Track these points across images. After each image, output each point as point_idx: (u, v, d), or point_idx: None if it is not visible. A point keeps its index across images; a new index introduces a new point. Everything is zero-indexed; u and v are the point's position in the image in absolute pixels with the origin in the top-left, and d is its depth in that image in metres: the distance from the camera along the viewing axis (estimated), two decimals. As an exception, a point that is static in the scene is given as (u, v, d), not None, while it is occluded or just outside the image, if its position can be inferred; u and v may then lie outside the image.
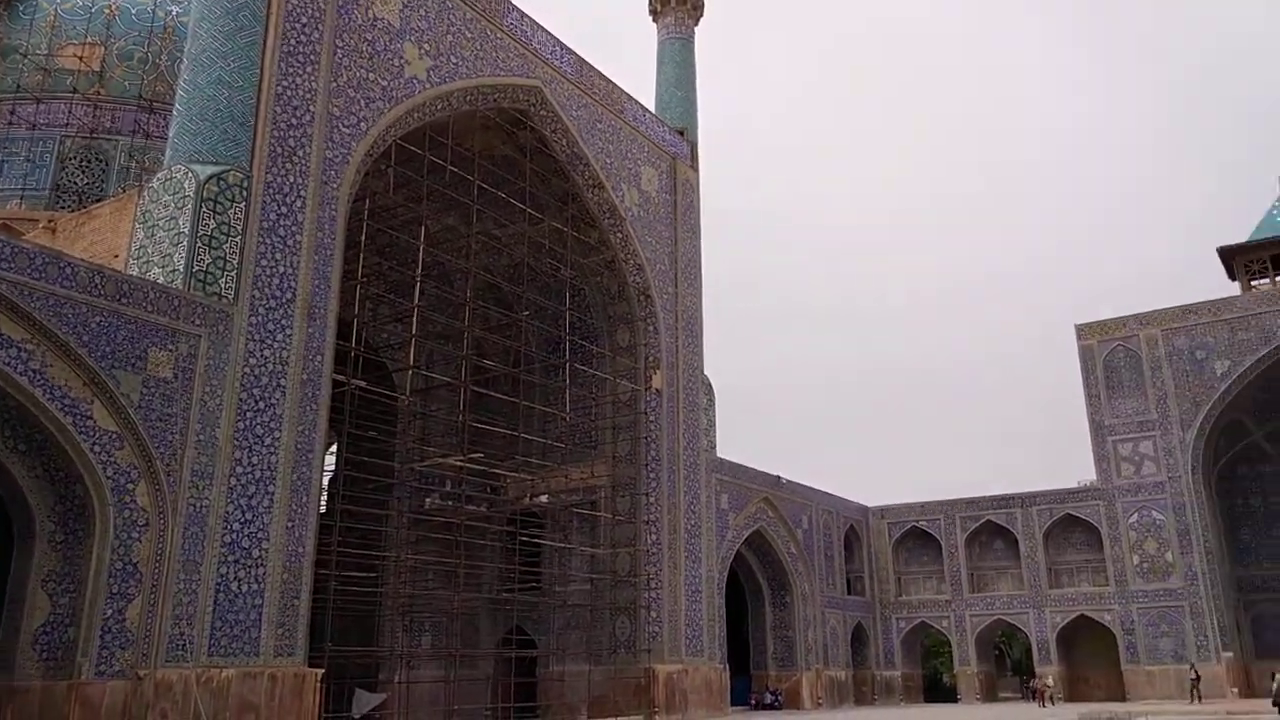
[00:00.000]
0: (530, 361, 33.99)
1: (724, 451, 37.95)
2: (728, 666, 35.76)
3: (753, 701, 41.66)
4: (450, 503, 31.97)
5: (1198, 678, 39.45)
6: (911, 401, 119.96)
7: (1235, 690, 40.94)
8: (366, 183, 26.07)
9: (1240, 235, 47.98)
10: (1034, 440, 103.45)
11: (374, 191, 26.54)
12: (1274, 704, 30.93)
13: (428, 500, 32.51)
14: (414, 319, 27.35)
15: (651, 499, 32.01)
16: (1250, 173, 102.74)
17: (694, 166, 37.66)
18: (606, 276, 33.92)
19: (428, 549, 31.31)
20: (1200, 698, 38.46)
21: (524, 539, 31.74)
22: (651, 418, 32.88)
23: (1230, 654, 41.73)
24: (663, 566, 31.71)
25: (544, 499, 33.14)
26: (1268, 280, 46.25)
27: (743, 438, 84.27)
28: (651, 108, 37.22)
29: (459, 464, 28.85)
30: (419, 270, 26.89)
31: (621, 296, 33.96)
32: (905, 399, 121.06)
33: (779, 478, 42.57)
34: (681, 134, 37.49)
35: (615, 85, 33.83)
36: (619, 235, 33.15)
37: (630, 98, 34.50)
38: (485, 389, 29.91)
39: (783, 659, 42.36)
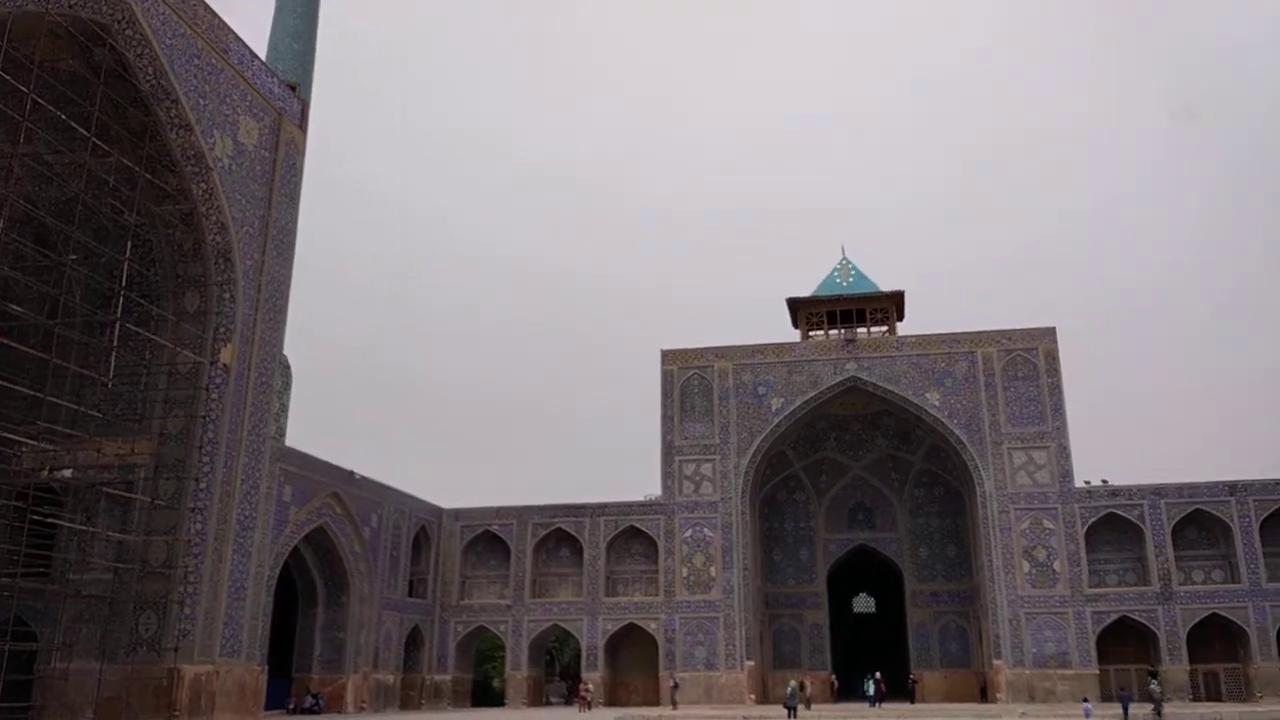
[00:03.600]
0: (71, 314, 31.16)
1: (296, 439, 37.80)
2: (267, 668, 35.66)
3: (291, 705, 41.64)
4: (-60, 469, 28.52)
5: (676, 685, 46.17)
6: (503, 408, 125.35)
7: (753, 697, 48.69)
8: (-126, 71, 22.79)
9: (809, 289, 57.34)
10: (613, 453, 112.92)
11: (-116, 83, 23.24)
12: (784, 705, 37.90)
13: (-93, 464, 28.72)
14: (-81, 244, 24.25)
15: (202, 485, 30.98)
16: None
17: (302, 127, 36.98)
18: (181, 231, 32.21)
19: (-100, 522, 27.72)
20: (676, 704, 44.71)
21: (36, 517, 29.17)
22: (214, 395, 31.82)
23: (752, 663, 49.50)
24: (205, 559, 30.84)
25: (67, 474, 30.65)
26: (822, 332, 55.65)
27: (321, 426, 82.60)
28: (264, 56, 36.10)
29: (-43, 424, 25.97)
30: (-66, 187, 23.94)
31: (196, 256, 32.42)
32: (496, 405, 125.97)
33: (352, 473, 43.01)
34: (294, 89, 36.71)
35: (222, 20, 32.33)
36: (203, 186, 31.70)
37: (238, 38, 33.15)
38: (6, 339, 27.13)
39: (330, 661, 42.81)
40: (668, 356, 54.30)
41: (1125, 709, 37.38)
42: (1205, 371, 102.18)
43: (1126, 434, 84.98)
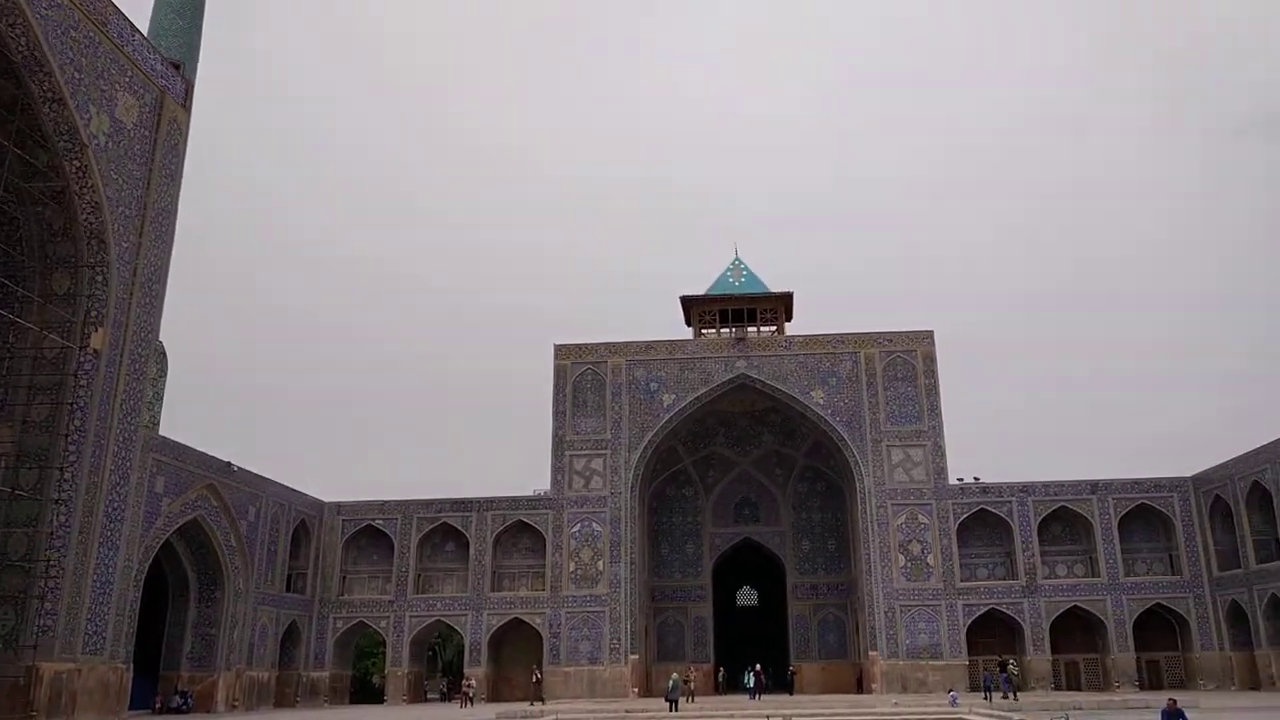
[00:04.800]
0: (-73, 293, 29.99)
1: (172, 428, 36.96)
2: (132, 666, 34.84)
3: (157, 704, 40.73)
4: None
5: (539, 680, 46.33)
6: (396, 401, 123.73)
7: (636, 690, 49.68)
8: None
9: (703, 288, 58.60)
10: (507, 447, 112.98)
11: None
12: (666, 699, 38.98)
13: None
14: None
15: (67, 475, 30.08)
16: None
17: (186, 106, 36.08)
18: (51, 209, 31.13)
19: None
20: (543, 699, 44.80)
21: (-118, 508, 27.94)
22: (83, 382, 30.90)
23: (636, 656, 50.51)
24: (69, 552, 29.95)
25: (-81, 462, 29.45)
26: (714, 330, 57.02)
27: (199, 416, 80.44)
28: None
29: None
30: None
31: (67, 236, 31.39)
32: (390, 398, 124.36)
33: (230, 464, 42.23)
34: (177, 68, 35.80)
35: (100, -10, 31.47)
36: (76, 164, 30.73)
37: (119, 11, 32.12)
38: None
39: (200, 658, 41.95)
40: (560, 351, 54.83)
41: (988, 690, 41.32)
42: (1073, 377, 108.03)
43: (999, 434, 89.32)
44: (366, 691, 57.31)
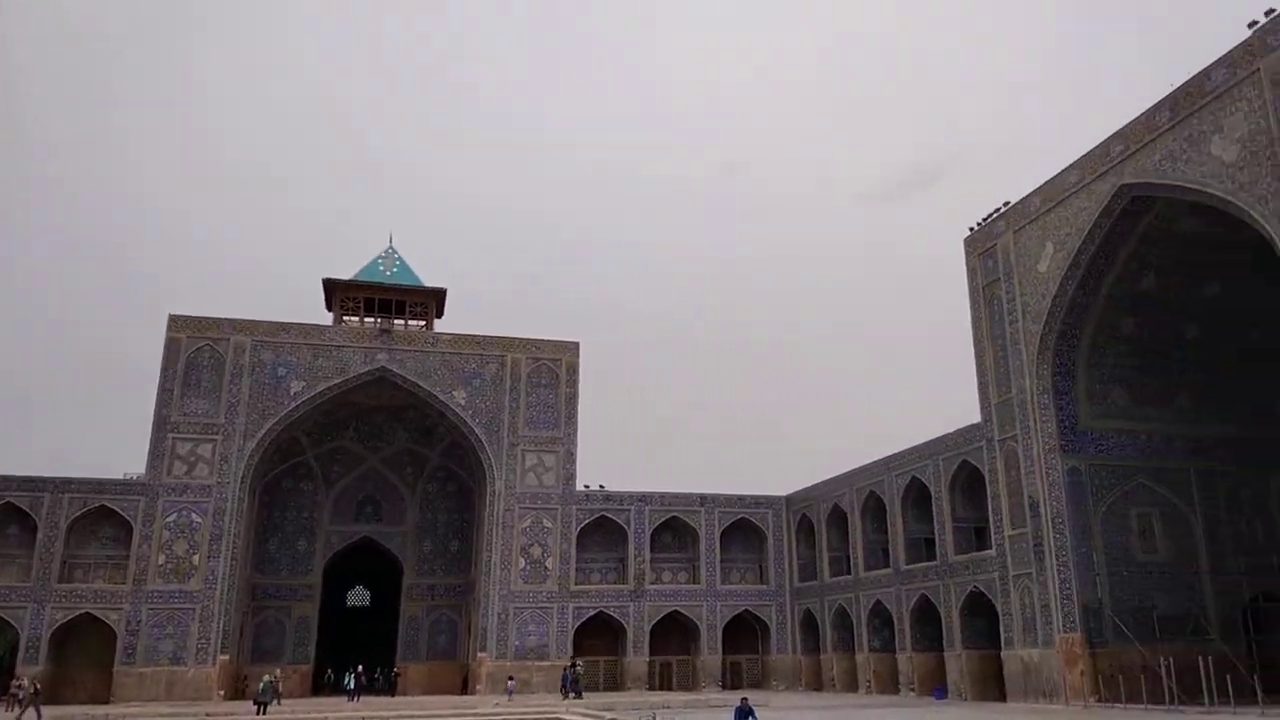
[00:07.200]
0: None
1: None
2: None
3: None
4: None
5: (37, 691, 40.26)
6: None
7: (223, 693, 45.61)
8: None
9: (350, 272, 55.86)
10: (104, 424, 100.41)
11: None
12: (255, 701, 35.91)
13: None
14: None
15: None
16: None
17: None
18: None
19: None
20: (23, 710, 38.27)
21: None
22: None
23: (226, 657, 46.46)
24: None
25: None
26: (358, 319, 54.33)
27: None
28: None
29: None
30: None
31: None
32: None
33: None
34: None
35: None
36: None
37: None
38: None
39: None
40: (176, 323, 49.88)
41: (565, 687, 44.40)
42: (700, 402, 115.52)
43: (628, 447, 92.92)
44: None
